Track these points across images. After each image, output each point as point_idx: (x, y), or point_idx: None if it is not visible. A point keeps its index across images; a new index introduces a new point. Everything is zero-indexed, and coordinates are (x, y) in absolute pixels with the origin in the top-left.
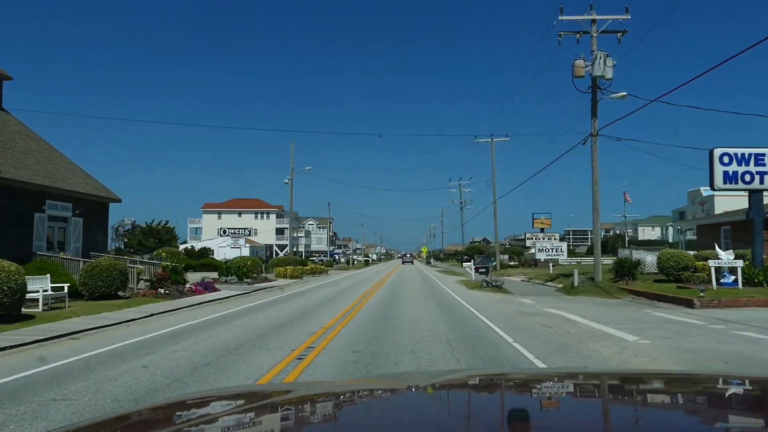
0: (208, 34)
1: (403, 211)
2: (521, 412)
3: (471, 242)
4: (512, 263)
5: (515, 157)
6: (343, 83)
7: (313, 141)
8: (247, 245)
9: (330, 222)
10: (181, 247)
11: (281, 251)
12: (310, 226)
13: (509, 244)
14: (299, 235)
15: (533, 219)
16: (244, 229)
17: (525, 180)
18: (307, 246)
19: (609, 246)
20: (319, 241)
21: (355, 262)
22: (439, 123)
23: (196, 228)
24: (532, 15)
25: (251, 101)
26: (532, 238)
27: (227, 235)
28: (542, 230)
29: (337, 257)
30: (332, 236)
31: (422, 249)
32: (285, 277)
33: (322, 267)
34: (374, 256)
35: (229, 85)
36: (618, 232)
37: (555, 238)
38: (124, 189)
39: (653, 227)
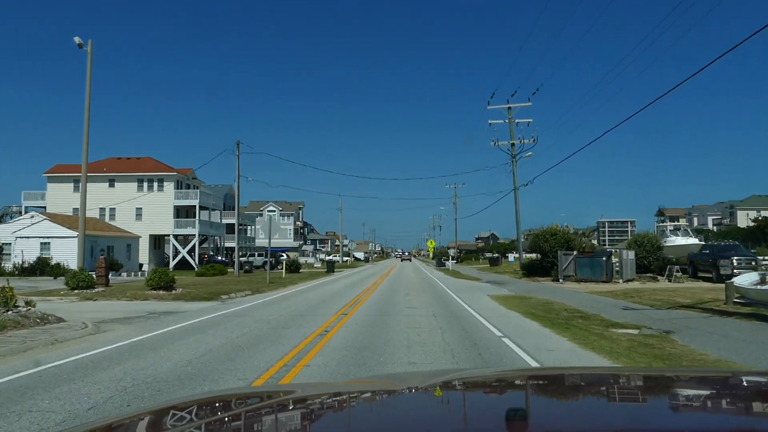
0: None
1: (400, 204)
2: (519, 411)
3: (477, 239)
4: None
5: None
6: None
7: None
8: (72, 235)
9: (300, 209)
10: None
11: (184, 248)
12: (271, 213)
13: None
14: (229, 221)
15: None
16: None
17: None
18: (251, 239)
19: None
20: (283, 234)
21: (313, 265)
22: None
23: (41, 207)
24: None
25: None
26: None
27: None
28: None
29: (285, 256)
30: (301, 227)
31: (428, 243)
32: None
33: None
34: (360, 255)
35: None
36: (710, 216)
37: None
38: None
39: (758, 210)
